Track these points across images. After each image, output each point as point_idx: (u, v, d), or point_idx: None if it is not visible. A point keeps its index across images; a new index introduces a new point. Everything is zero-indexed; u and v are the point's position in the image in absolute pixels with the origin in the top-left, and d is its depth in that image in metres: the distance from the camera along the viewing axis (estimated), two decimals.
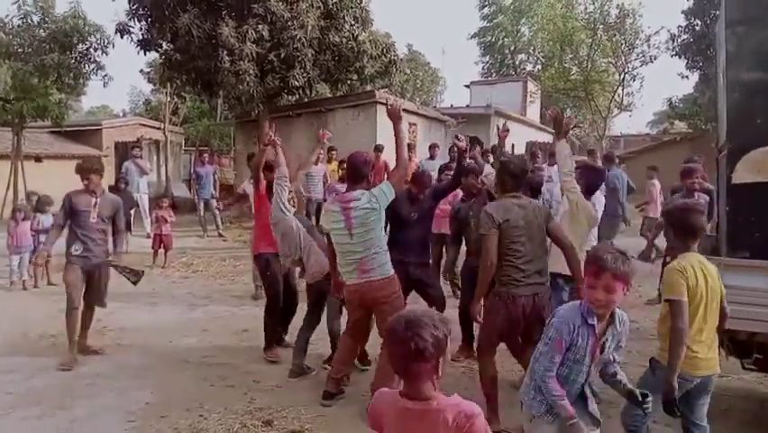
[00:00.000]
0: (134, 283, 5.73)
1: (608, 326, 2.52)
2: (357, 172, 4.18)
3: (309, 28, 11.94)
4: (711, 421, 4.01)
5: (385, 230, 4.34)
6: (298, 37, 11.84)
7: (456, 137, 5.08)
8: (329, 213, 4.16)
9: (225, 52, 11.51)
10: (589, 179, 4.71)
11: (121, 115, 35.89)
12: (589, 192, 4.58)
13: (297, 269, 5.54)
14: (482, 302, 3.80)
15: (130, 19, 12.59)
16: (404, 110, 15.25)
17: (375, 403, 1.90)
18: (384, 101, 14.30)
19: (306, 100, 15.27)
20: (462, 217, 5.21)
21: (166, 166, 18.83)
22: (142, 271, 5.86)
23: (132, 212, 11.24)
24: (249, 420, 3.99)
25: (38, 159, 19.24)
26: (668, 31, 20.43)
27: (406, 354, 1.71)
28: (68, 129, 20.00)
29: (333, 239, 4.18)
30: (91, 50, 14.82)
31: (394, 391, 1.85)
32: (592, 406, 2.65)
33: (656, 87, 68.30)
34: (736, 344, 3.66)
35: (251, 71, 11.82)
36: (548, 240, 3.89)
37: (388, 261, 4.11)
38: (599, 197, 5.16)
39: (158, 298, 7.57)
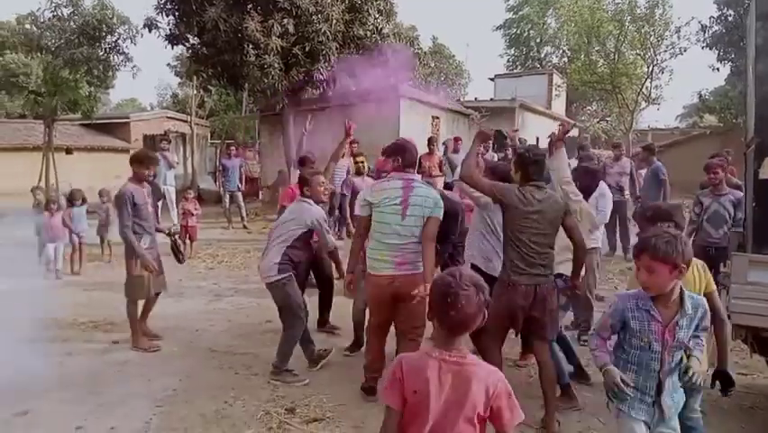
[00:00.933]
0: (180, 261, 6.23)
1: (677, 312, 2.48)
2: (403, 156, 4.03)
3: (334, 21, 12.00)
4: (735, 419, 4.00)
5: None
6: (323, 31, 11.90)
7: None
8: (386, 189, 3.98)
9: (251, 46, 11.63)
10: (584, 182, 4.71)
11: (149, 108, 36.47)
12: (583, 194, 4.57)
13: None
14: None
15: (158, 13, 12.79)
16: (427, 103, 15.21)
17: (405, 365, 1.89)
18: (407, 94, 14.35)
19: (330, 94, 15.34)
20: None
21: (192, 159, 19.10)
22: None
23: (159, 204, 11.44)
24: (272, 408, 4.07)
25: (68, 151, 19.73)
26: (699, 22, 19.89)
27: (461, 305, 1.83)
28: (98, 122, 20.45)
29: (378, 218, 3.97)
30: (119, 41, 15.11)
31: (420, 351, 1.93)
32: (667, 400, 2.55)
33: (686, 80, 66.85)
34: (760, 342, 3.61)
35: (276, 65, 11.92)
36: None
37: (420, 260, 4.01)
38: (606, 193, 5.31)
39: (184, 288, 7.72)
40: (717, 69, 20.42)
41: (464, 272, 1.91)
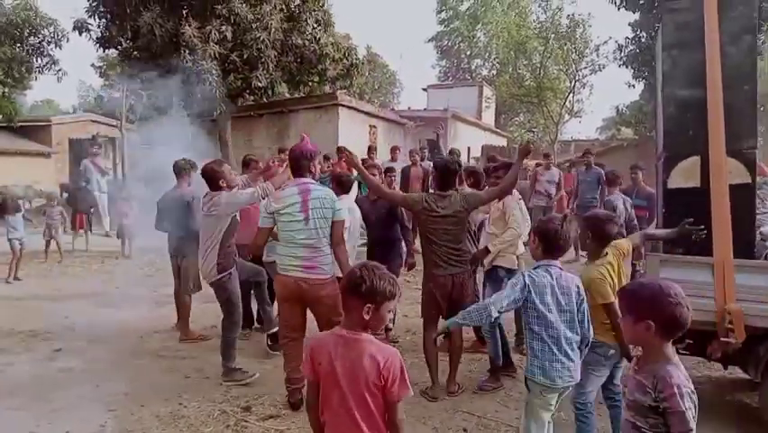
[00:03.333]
0: None
1: None
2: (298, 164, 4.18)
3: (272, 30, 12.12)
4: None
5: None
6: (261, 39, 12.00)
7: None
8: (285, 197, 4.08)
9: (188, 52, 11.57)
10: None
11: (71, 110, 34.91)
12: None
13: None
14: None
15: (90, 16, 12.46)
16: (364, 113, 15.53)
17: (312, 343, 2.24)
18: (345, 103, 14.66)
19: (264, 100, 15.36)
20: None
21: (122, 164, 18.49)
22: None
23: (92, 210, 11.16)
24: (228, 407, 4.20)
25: None
26: (616, 41, 21.19)
27: (349, 285, 2.10)
28: (14, 124, 19.41)
29: (283, 226, 4.08)
30: (44, 43, 14.58)
31: (327, 331, 2.26)
32: None
33: (606, 95, 71.02)
34: None
35: (214, 71, 11.90)
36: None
37: (331, 262, 4.13)
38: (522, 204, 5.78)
39: (123, 297, 7.60)
40: (633, 86, 21.79)
41: (369, 264, 2.16)
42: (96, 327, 6.19)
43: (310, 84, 15.26)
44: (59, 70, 15.06)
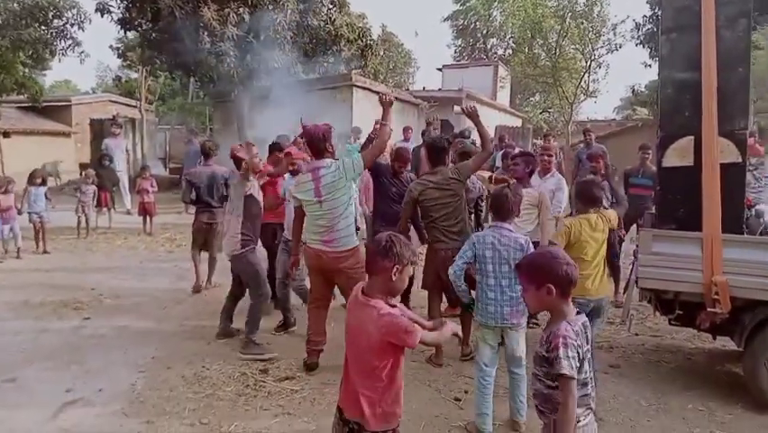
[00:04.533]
0: None
1: None
2: (316, 146, 4.44)
3: (288, 12, 12.30)
4: (645, 370, 4.74)
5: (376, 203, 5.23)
6: (278, 20, 12.19)
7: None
8: (301, 183, 4.45)
9: (206, 34, 11.80)
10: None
11: (90, 91, 35.44)
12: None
13: None
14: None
15: None
16: (377, 92, 15.65)
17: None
18: (360, 84, 14.83)
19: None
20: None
21: (142, 144, 18.91)
22: None
23: (114, 189, 11.54)
24: (247, 370, 4.53)
25: (5, 134, 19.17)
26: (633, 20, 20.86)
27: (379, 249, 2.29)
28: (36, 104, 19.92)
29: (305, 207, 4.42)
30: (68, 26, 14.89)
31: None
32: None
33: (623, 75, 69.93)
34: (662, 302, 4.32)
35: (232, 53, 12.14)
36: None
37: (353, 233, 4.43)
38: (563, 187, 5.97)
39: (146, 270, 7.98)
40: (650, 66, 21.55)
41: (392, 233, 2.39)
42: (123, 298, 6.57)
43: (325, 65, 15.42)
44: (82, 52, 15.34)
